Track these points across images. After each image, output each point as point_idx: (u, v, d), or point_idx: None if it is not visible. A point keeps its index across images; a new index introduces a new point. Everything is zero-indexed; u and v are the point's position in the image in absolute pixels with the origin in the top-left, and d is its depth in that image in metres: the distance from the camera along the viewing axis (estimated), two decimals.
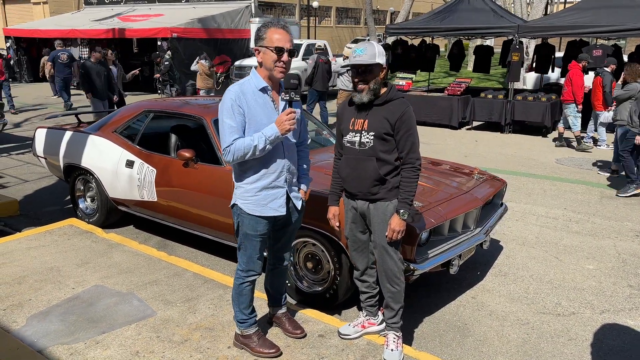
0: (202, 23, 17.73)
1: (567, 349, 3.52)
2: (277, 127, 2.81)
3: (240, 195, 2.96)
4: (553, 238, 5.46)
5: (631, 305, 4.12)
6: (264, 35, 2.81)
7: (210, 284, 4.03)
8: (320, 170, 4.21)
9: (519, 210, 6.31)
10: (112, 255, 4.56)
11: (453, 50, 14.78)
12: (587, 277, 4.58)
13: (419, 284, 4.36)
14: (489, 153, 9.51)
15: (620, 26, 10.10)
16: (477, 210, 4.07)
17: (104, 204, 5.36)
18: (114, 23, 19.37)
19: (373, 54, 2.92)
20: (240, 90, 2.86)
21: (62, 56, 14.81)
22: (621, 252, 5.11)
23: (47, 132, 5.97)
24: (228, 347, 3.21)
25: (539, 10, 16.23)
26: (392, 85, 3.07)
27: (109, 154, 5.15)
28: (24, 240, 4.89)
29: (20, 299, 3.78)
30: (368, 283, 3.33)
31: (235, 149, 2.79)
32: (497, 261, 4.89)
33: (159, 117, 5.08)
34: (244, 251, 3.02)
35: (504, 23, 11.40)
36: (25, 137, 10.54)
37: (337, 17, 41.83)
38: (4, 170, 8.04)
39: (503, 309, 4.04)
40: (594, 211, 6.32)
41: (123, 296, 3.84)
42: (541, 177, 7.87)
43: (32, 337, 3.29)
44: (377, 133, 2.98)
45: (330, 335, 3.35)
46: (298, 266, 4.02)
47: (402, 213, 2.97)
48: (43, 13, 28.10)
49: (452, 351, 3.49)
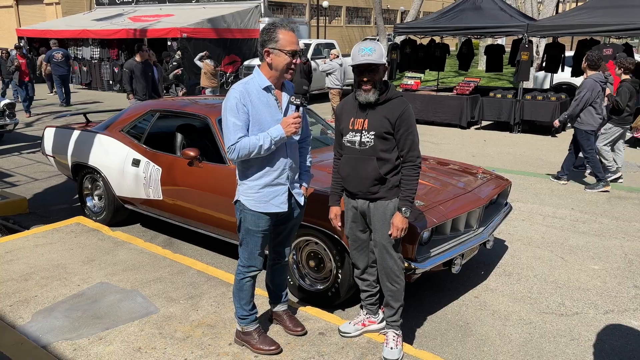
0: (212, 23, 17.82)
1: (569, 349, 3.50)
2: (283, 129, 2.86)
3: (243, 192, 3.00)
4: (559, 238, 5.43)
5: (636, 305, 4.09)
6: (276, 37, 2.84)
7: (213, 282, 4.07)
8: (323, 170, 4.22)
9: (525, 210, 6.28)
10: (118, 253, 4.61)
11: (462, 49, 14.72)
12: (592, 277, 4.55)
13: (422, 283, 4.36)
14: (497, 153, 9.47)
15: (631, 25, 10.00)
16: (480, 209, 4.06)
17: (111, 202, 5.41)
18: (124, 23, 19.54)
19: (381, 53, 2.92)
20: (244, 89, 2.89)
21: (57, 55, 15.04)
22: (628, 253, 5.07)
23: (56, 131, 6.05)
24: (229, 344, 3.24)
25: (549, 9, 16.12)
26: (390, 84, 3.07)
27: (116, 152, 5.21)
28: (31, 237, 4.96)
29: (27, 295, 3.84)
30: (368, 282, 3.34)
31: (240, 147, 2.82)
32: (502, 261, 4.88)
33: (165, 116, 5.13)
34: (245, 247, 3.06)
35: (513, 22, 11.33)
36: (36, 137, 10.67)
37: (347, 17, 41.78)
38: (15, 169, 8.15)
39: (506, 308, 4.03)
40: (602, 211, 6.27)
41: (127, 293, 3.89)
42: (546, 176, 7.82)
43: (36, 332, 3.34)
44: (377, 132, 2.99)
45: (331, 333, 3.37)
46: (300, 264, 4.04)
47: (404, 211, 2.98)
48: (56, 14, 28.39)
49: (453, 350, 3.49)
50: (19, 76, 13.39)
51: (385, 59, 2.96)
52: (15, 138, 10.50)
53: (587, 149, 6.96)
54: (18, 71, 13.40)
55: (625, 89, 7.05)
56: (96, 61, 19.76)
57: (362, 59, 2.90)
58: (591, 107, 6.81)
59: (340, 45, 20.03)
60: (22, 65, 13.53)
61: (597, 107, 6.82)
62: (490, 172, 4.79)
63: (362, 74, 2.95)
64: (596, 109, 6.82)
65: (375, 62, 2.89)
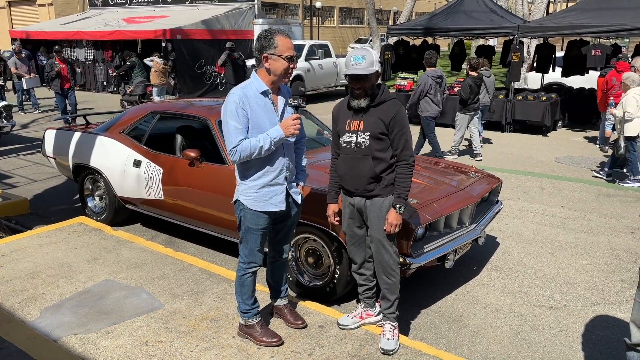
0: (206, 24, 17.89)
1: (558, 340, 3.67)
2: (283, 130, 3.00)
3: (243, 191, 3.13)
4: (549, 235, 5.60)
5: (622, 298, 4.26)
6: (275, 43, 2.97)
7: (215, 279, 4.20)
8: (320, 169, 4.36)
9: (516, 208, 6.45)
10: (121, 252, 4.73)
11: (455, 50, 14.91)
12: (581, 272, 4.72)
13: (417, 278, 4.51)
14: (489, 152, 9.64)
15: (620, 26, 10.21)
16: (472, 207, 4.21)
17: (112, 202, 5.53)
18: (118, 25, 19.56)
19: (371, 62, 3.06)
20: (243, 94, 3.02)
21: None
22: (615, 248, 5.25)
23: (57, 133, 6.15)
24: (232, 336, 3.38)
25: (540, 10, 16.34)
26: (383, 87, 3.22)
27: (117, 154, 5.33)
28: (35, 237, 5.06)
29: (34, 292, 3.95)
30: (365, 276, 3.49)
31: (242, 149, 2.95)
32: (493, 257, 5.04)
33: (165, 118, 5.25)
34: (245, 244, 3.19)
35: (505, 23, 11.52)
36: (33, 138, 10.75)
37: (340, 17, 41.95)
38: (14, 170, 8.23)
39: (497, 302, 4.19)
40: (591, 208, 6.46)
41: (132, 290, 4.01)
42: (540, 175, 8.01)
43: (46, 327, 3.46)
44: (372, 133, 3.14)
45: (330, 326, 3.51)
46: (299, 261, 4.18)
47: (398, 207, 3.12)
48: (48, 15, 28.35)
49: (447, 342, 3.64)
50: (60, 83, 12.06)
51: (376, 67, 3.08)
52: (12, 140, 10.57)
53: (429, 132, 8.22)
54: (59, 78, 12.03)
55: (466, 85, 8.61)
56: (90, 62, 19.80)
57: (352, 69, 3.06)
58: (427, 97, 8.01)
59: (334, 45, 20.17)
60: (63, 70, 12.09)
61: (432, 98, 8.01)
62: (482, 171, 4.95)
63: (353, 81, 3.11)
64: (432, 100, 8.02)
65: (363, 73, 3.04)
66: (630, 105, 7.16)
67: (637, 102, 7.14)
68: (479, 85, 8.83)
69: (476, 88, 8.70)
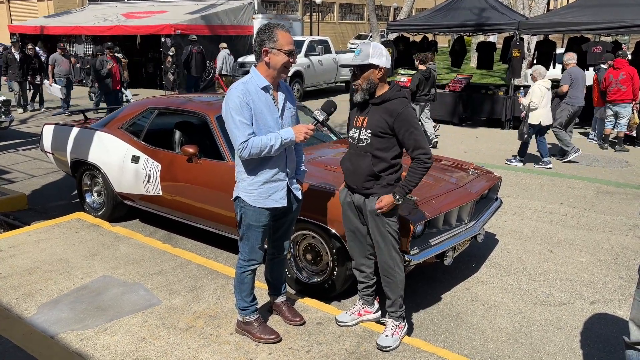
0: (205, 20, 17.85)
1: (557, 337, 3.66)
2: (295, 133, 3.00)
3: (244, 188, 3.10)
4: (548, 232, 5.59)
5: (621, 296, 4.25)
6: (275, 37, 2.95)
7: (214, 275, 4.19)
8: (318, 166, 4.35)
9: (516, 205, 6.44)
10: (119, 248, 4.72)
11: (455, 46, 14.87)
12: (580, 270, 4.71)
13: (415, 275, 4.50)
14: (488, 149, 9.63)
15: (620, 23, 10.18)
16: (471, 204, 4.20)
17: (110, 198, 5.51)
18: (117, 20, 19.50)
19: (366, 54, 3.04)
20: (245, 89, 2.99)
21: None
22: (614, 246, 5.24)
23: (55, 129, 6.13)
24: (230, 333, 3.37)
25: (540, 6, 16.29)
26: (393, 84, 3.17)
27: (115, 149, 5.31)
28: (33, 233, 5.05)
29: (31, 288, 3.94)
30: (365, 273, 3.47)
31: (252, 146, 2.92)
32: (492, 254, 5.03)
33: (164, 113, 5.23)
34: (246, 241, 3.17)
35: (505, 20, 11.48)
36: (31, 133, 10.72)
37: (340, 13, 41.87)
38: (12, 166, 8.21)
39: (496, 299, 4.18)
40: (590, 206, 6.44)
41: (130, 286, 4.00)
42: (539, 172, 7.99)
43: (43, 324, 3.45)
44: (373, 131, 3.11)
45: (328, 323, 3.50)
46: (298, 258, 4.16)
47: (397, 197, 3.08)
48: (47, 9, 28.28)
49: (445, 339, 3.63)
50: (111, 83, 10.93)
51: (374, 59, 3.03)
52: (10, 135, 10.54)
53: None
54: (109, 77, 10.86)
55: (415, 78, 9.19)
56: (89, 58, 19.72)
57: (348, 62, 3.09)
58: None
59: (334, 41, 20.13)
60: (115, 69, 10.94)
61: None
62: (481, 168, 4.94)
63: (352, 75, 3.12)
64: None
65: (354, 64, 3.05)
66: (536, 96, 7.77)
67: (542, 93, 7.76)
68: (428, 78, 9.31)
69: (425, 81, 9.25)
